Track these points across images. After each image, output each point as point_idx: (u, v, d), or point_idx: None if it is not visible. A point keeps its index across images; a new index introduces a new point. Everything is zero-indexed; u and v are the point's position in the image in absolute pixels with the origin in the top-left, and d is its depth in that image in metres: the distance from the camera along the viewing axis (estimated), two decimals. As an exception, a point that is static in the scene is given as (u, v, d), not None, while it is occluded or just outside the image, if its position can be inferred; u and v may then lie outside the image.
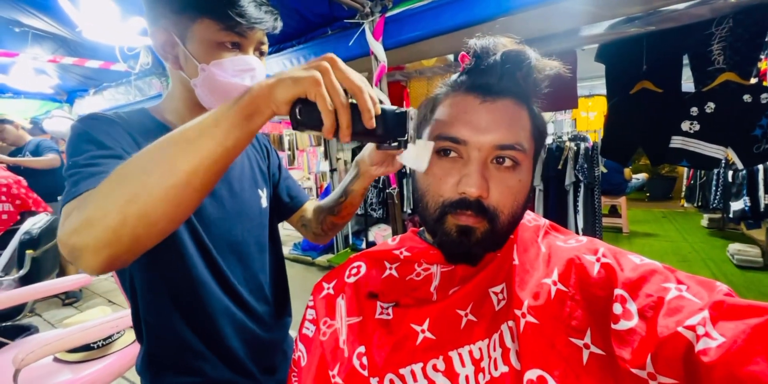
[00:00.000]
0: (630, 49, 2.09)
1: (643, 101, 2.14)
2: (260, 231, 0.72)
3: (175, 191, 0.37)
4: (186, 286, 0.61)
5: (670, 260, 3.22)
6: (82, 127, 0.53)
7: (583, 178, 2.42)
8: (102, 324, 1.02)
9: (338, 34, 1.67)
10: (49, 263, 1.97)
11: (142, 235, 0.38)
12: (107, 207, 0.37)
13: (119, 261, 0.39)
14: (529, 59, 0.43)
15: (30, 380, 0.98)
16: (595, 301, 0.39)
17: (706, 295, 0.34)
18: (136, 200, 0.36)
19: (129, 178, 0.37)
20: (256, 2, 0.56)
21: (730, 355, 0.29)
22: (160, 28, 0.57)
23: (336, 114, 0.38)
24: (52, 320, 2.65)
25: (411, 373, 0.43)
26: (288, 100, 0.37)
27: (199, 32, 0.55)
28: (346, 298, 0.52)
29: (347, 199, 0.71)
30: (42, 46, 2.51)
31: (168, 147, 0.38)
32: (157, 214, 0.37)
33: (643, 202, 5.95)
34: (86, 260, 0.38)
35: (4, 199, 2.43)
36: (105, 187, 0.38)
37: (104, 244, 0.37)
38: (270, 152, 0.80)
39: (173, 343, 0.62)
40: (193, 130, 0.38)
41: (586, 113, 4.87)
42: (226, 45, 0.56)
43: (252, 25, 0.56)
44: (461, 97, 0.46)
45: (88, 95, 3.16)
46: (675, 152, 2.12)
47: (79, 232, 0.37)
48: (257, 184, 0.72)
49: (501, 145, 0.43)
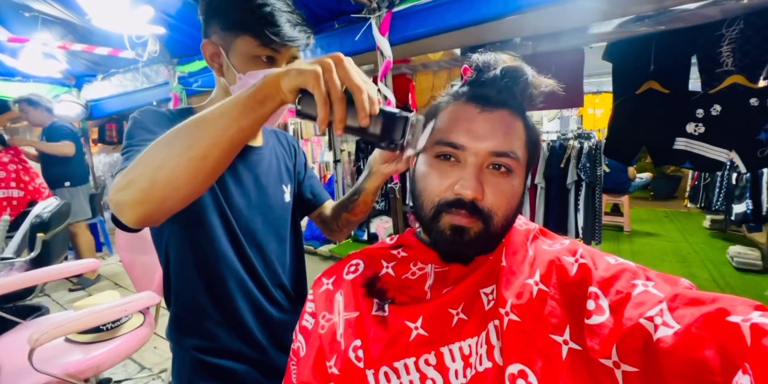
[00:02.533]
0: (638, 48, 2.07)
1: (649, 101, 2.13)
2: (282, 223, 0.78)
3: (194, 162, 0.43)
4: (212, 262, 0.68)
5: (669, 260, 3.24)
6: (139, 118, 0.63)
7: (585, 178, 2.42)
8: (111, 308, 1.06)
9: (345, 28, 1.67)
10: (59, 246, 2.03)
11: (168, 198, 0.45)
12: (142, 172, 0.45)
13: (151, 218, 0.47)
14: (526, 75, 0.47)
15: (43, 359, 1.03)
16: (573, 299, 0.42)
17: (669, 289, 0.37)
18: (163, 167, 0.44)
19: (159, 150, 0.45)
20: (292, 22, 0.64)
21: (683, 341, 0.31)
22: (210, 41, 0.66)
23: (332, 108, 0.41)
24: (60, 301, 2.73)
25: (404, 367, 0.46)
26: (291, 89, 0.42)
27: (240, 47, 0.64)
28: (344, 294, 0.55)
29: (360, 197, 0.76)
30: (51, 31, 2.52)
31: (192, 125, 0.45)
32: (180, 181, 0.44)
33: (646, 201, 5.94)
34: (125, 214, 0.46)
35: (14, 185, 2.49)
36: (142, 157, 0.46)
37: (138, 201, 0.45)
38: (297, 152, 0.87)
39: (196, 310, 0.70)
40: (213, 112, 0.44)
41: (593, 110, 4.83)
42: (262, 58, 0.65)
43: (285, 43, 0.63)
44: (462, 107, 0.49)
45: (96, 80, 3.18)
46: (678, 154, 2.12)
47: (121, 191, 0.46)
48: (282, 180, 0.79)
49: (496, 151, 0.46)
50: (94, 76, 3.17)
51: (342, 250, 3.42)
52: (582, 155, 2.44)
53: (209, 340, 0.71)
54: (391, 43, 1.55)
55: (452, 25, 1.43)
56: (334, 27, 1.72)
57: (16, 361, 1.06)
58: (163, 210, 0.46)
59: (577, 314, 0.40)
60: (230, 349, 0.71)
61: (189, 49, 2.44)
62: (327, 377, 0.51)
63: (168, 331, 0.74)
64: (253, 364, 0.73)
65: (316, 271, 0.63)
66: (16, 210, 2.47)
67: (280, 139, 0.84)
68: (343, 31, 1.70)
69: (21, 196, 2.51)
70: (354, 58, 0.44)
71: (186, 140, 0.44)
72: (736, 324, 0.29)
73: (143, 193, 0.44)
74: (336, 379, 0.50)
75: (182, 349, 0.72)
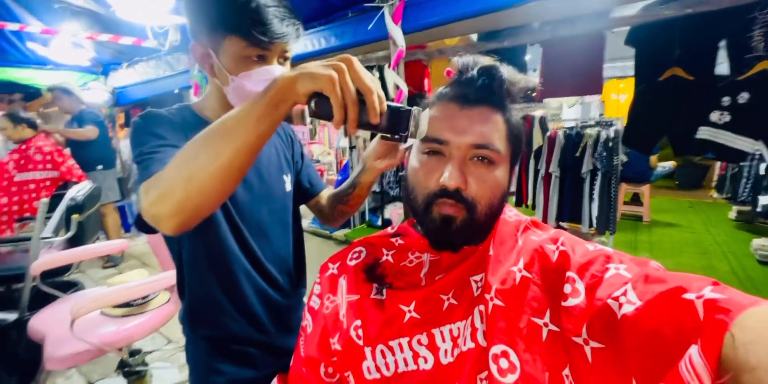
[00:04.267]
0: (663, 33, 1.98)
1: (672, 89, 2.06)
2: (284, 212, 0.82)
3: (221, 171, 0.46)
4: (219, 256, 0.72)
5: (688, 252, 3.17)
6: (142, 123, 0.64)
7: (600, 167, 2.38)
8: (142, 285, 1.16)
9: (359, 17, 1.68)
10: (92, 227, 2.17)
11: (201, 206, 0.48)
12: (174, 185, 0.47)
13: (186, 224, 0.50)
14: (501, 74, 0.50)
15: (82, 329, 1.14)
16: (553, 284, 0.45)
17: (637, 270, 0.40)
18: (193, 179, 0.46)
19: (186, 163, 0.47)
20: (279, 17, 0.62)
21: (642, 317, 0.34)
22: (199, 43, 0.65)
23: (345, 109, 0.44)
24: (94, 277, 2.94)
25: (399, 346, 0.51)
26: (306, 93, 0.44)
27: (228, 47, 0.63)
28: (347, 279, 0.60)
29: (355, 191, 0.79)
30: (79, 21, 2.62)
31: (213, 136, 0.47)
32: (210, 189, 0.47)
33: (670, 190, 5.75)
34: (164, 225, 0.49)
35: (50, 166, 2.65)
36: (170, 170, 0.48)
37: (174, 213, 0.48)
38: (294, 141, 0.89)
39: (207, 302, 0.74)
40: (231, 121, 0.47)
41: (617, 95, 4.66)
42: (252, 58, 0.64)
43: (274, 40, 0.62)
44: (445, 105, 0.53)
45: (122, 68, 3.29)
46: (701, 143, 2.05)
47: (156, 205, 0.48)
48: (282, 170, 0.82)
49: (477, 144, 0.50)
50: (119, 64, 3.28)
51: (356, 235, 3.50)
52: (599, 144, 2.39)
53: (221, 330, 0.75)
54: (404, 32, 1.54)
55: (465, 14, 1.41)
56: (348, 16, 1.73)
57: (59, 331, 1.18)
58: (199, 216, 0.50)
59: (555, 298, 0.44)
60: (240, 335, 0.76)
61: (208, 38, 2.48)
62: (330, 352, 0.57)
63: (182, 319, 0.78)
64: (262, 347, 0.79)
65: (331, 253, 0.68)
66: (50, 190, 2.63)
67: (278, 130, 0.86)
68: (356, 19, 1.70)
69: (56, 177, 2.67)
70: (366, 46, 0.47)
71: (211, 151, 0.46)
72: (690, 300, 0.31)
73: (179, 205, 0.47)
74: (338, 355, 0.56)
75: (195, 336, 0.77)
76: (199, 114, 0.72)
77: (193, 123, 0.68)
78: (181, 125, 0.66)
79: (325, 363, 0.58)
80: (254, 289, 0.76)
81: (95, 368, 1.85)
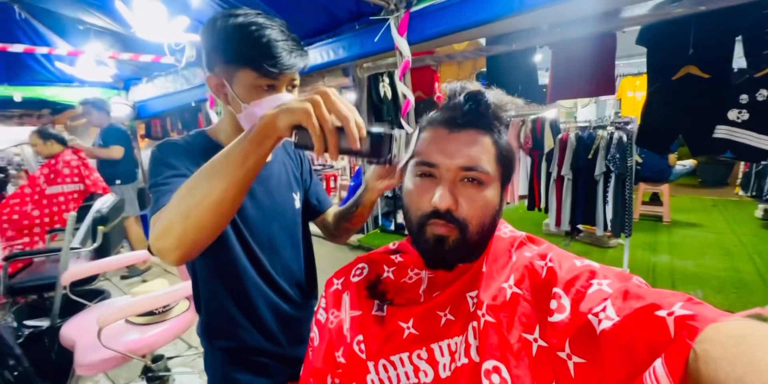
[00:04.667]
0: (675, 31, 1.95)
1: (686, 87, 2.01)
2: (294, 228, 0.86)
3: (214, 206, 0.50)
4: (231, 272, 0.76)
5: (711, 253, 3.07)
6: (158, 154, 0.70)
7: (614, 169, 2.34)
8: (162, 295, 1.22)
9: (365, 29, 1.71)
10: (116, 237, 2.28)
11: (199, 239, 0.53)
12: (173, 221, 0.52)
13: (188, 256, 0.54)
14: (486, 98, 0.53)
15: (109, 336, 1.20)
16: (541, 300, 0.47)
17: (619, 285, 0.41)
18: (189, 215, 0.51)
19: (183, 200, 0.52)
20: (287, 50, 0.66)
21: (618, 332, 0.35)
22: (214, 74, 0.70)
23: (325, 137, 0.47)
24: (119, 285, 3.07)
25: (400, 360, 0.54)
26: (287, 127, 0.47)
27: (241, 78, 0.68)
28: (350, 295, 0.63)
29: (357, 210, 0.83)
30: (101, 41, 2.76)
31: (205, 174, 0.51)
32: (207, 222, 0.52)
33: (693, 189, 5.56)
34: (167, 257, 0.54)
35: (77, 179, 2.79)
36: (170, 206, 0.53)
37: (174, 247, 0.52)
38: (303, 160, 0.93)
39: (222, 316, 0.78)
40: (219, 160, 0.51)
41: (633, 93, 4.55)
42: (263, 87, 0.69)
43: (283, 71, 0.67)
44: (435, 130, 0.55)
45: (142, 83, 3.43)
46: (719, 142, 2.00)
47: (160, 240, 0.53)
48: (291, 188, 0.86)
49: (465, 166, 0.52)
50: (139, 79, 3.42)
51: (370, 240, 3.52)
52: (611, 146, 2.35)
53: (236, 342, 0.79)
54: (410, 43, 1.57)
55: (469, 23, 1.43)
56: (355, 28, 1.77)
57: (88, 338, 1.25)
58: (197, 248, 0.54)
59: (543, 313, 0.45)
60: (255, 347, 0.80)
61: (222, 52, 2.57)
62: (336, 365, 0.60)
63: (199, 332, 0.83)
64: (276, 357, 0.83)
65: (345, 259, 0.71)
66: (78, 202, 2.77)
67: (287, 149, 0.90)
68: (363, 31, 1.74)
69: (82, 190, 2.81)
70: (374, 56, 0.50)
71: (202, 190, 0.50)
72: (662, 317, 0.33)
73: (178, 240, 0.52)
74: (343, 367, 0.58)
75: (212, 347, 0.81)
76: (213, 139, 0.78)
77: (207, 148, 0.73)
78: (196, 151, 0.72)
79: (332, 374, 0.61)
80: (266, 303, 0.80)
81: (121, 373, 1.93)
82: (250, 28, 0.64)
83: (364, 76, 2.55)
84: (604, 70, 2.26)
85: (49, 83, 3.31)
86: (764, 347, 0.25)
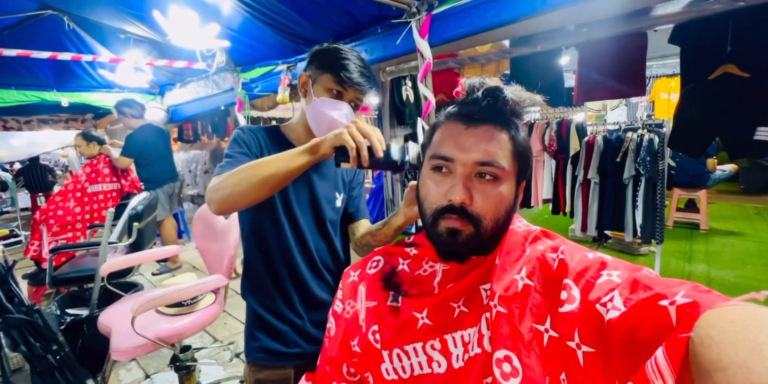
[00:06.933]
0: (711, 28, 1.86)
1: (724, 87, 1.92)
2: (333, 222, 0.98)
3: (259, 183, 0.70)
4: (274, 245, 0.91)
5: (752, 263, 2.89)
6: (240, 134, 0.90)
7: (644, 172, 2.25)
8: (189, 287, 1.28)
9: (387, 32, 1.74)
10: (150, 233, 2.40)
11: (237, 202, 0.74)
12: (226, 183, 0.73)
13: (224, 211, 0.76)
14: (504, 94, 0.53)
15: (141, 325, 1.27)
16: (551, 291, 0.47)
17: (627, 275, 0.41)
18: (239, 184, 0.71)
19: (241, 172, 0.72)
20: (362, 73, 0.87)
21: (624, 323, 0.36)
22: (305, 74, 0.90)
23: (358, 152, 0.64)
24: (151, 280, 3.22)
25: (414, 350, 0.55)
26: (331, 146, 0.67)
27: (322, 80, 0.87)
28: (366, 286, 0.64)
29: (384, 229, 0.88)
30: (140, 48, 2.94)
31: (263, 162, 0.72)
32: (248, 193, 0.71)
33: (734, 195, 5.25)
34: (211, 207, 0.75)
35: (115, 179, 2.96)
36: (230, 174, 0.73)
37: (218, 201, 0.74)
38: (357, 172, 1.06)
39: (257, 277, 0.94)
40: (278, 156, 0.72)
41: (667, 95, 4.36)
42: (333, 92, 0.87)
43: (352, 84, 0.86)
44: (452, 124, 0.56)
45: (175, 88, 3.62)
46: (760, 145, 1.90)
47: (211, 192, 0.75)
48: (337, 187, 0.98)
49: (481, 161, 0.52)
50: (173, 84, 3.60)
51: (391, 242, 3.51)
52: (641, 148, 2.26)
53: (265, 299, 0.93)
54: (432, 45, 1.59)
55: (492, 24, 1.43)
56: (377, 32, 1.80)
57: (123, 326, 1.33)
58: (234, 208, 0.76)
59: (554, 304, 0.46)
60: (277, 309, 0.92)
61: (250, 58, 2.68)
62: (351, 354, 0.62)
63: (241, 288, 0.98)
64: (296, 328, 0.93)
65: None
66: (116, 200, 2.94)
67: None
68: (385, 34, 1.77)
69: (119, 189, 2.98)
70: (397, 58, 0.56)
71: (256, 170, 0.71)
72: (664, 307, 0.33)
73: (223, 197, 0.73)
74: (358, 356, 0.60)
75: (248, 301, 0.96)
76: (282, 132, 0.96)
77: (276, 137, 0.94)
78: (266, 139, 0.92)
79: (347, 363, 0.63)
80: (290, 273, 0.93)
81: (151, 362, 2.03)
82: (341, 51, 0.87)
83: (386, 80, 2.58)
84: (633, 71, 2.18)
85: (92, 89, 3.54)
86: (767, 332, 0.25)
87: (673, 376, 0.28)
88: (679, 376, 0.28)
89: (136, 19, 2.48)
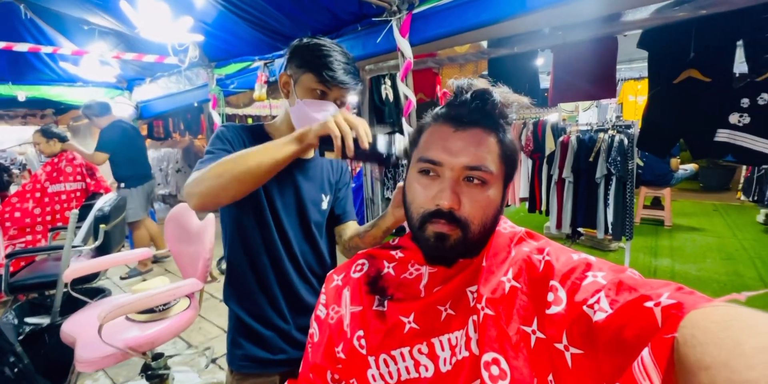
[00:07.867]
0: (676, 35, 1.95)
1: (688, 91, 2.02)
2: (318, 225, 0.95)
3: (243, 176, 0.67)
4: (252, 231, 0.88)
5: (712, 257, 3.06)
6: (223, 131, 0.86)
7: (615, 172, 2.34)
8: (162, 292, 1.22)
9: (367, 31, 1.73)
10: (117, 236, 2.28)
11: (220, 195, 0.69)
12: (208, 176, 0.68)
13: (205, 206, 0.71)
14: (493, 97, 0.52)
15: (109, 333, 1.21)
16: (538, 293, 0.47)
17: (612, 277, 0.41)
18: (222, 175, 0.67)
19: (224, 164, 0.68)
20: (346, 70, 0.81)
21: (610, 324, 0.36)
22: (285, 73, 0.86)
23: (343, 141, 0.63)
24: (119, 284, 3.07)
25: (401, 355, 0.54)
26: (316, 135, 0.66)
27: (304, 80, 0.82)
28: (350, 290, 0.63)
29: (372, 231, 0.87)
30: (106, 41, 2.78)
31: (247, 152, 0.68)
32: (232, 186, 0.68)
33: (694, 193, 5.56)
34: (191, 202, 0.71)
35: (79, 178, 2.80)
36: (211, 166, 0.69)
37: (199, 194, 0.69)
38: (344, 172, 1.03)
39: (241, 281, 0.90)
40: (262, 146, 0.68)
41: (634, 97, 4.56)
42: (317, 92, 0.82)
43: (336, 83, 0.81)
44: (439, 127, 0.55)
45: (145, 83, 3.46)
46: (720, 146, 2.00)
47: (190, 186, 0.71)
48: (323, 190, 0.96)
49: (469, 166, 0.51)
50: (143, 79, 3.44)
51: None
52: (612, 149, 2.35)
53: (249, 304, 0.90)
54: (412, 44, 1.58)
55: (472, 25, 1.44)
56: (358, 30, 1.78)
57: (89, 335, 1.25)
58: (215, 203, 0.71)
59: (540, 306, 0.46)
60: (262, 314, 0.89)
61: (225, 53, 2.59)
62: (335, 360, 0.60)
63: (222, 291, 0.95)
64: (279, 332, 0.90)
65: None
66: (80, 200, 2.78)
67: (332, 162, 1.01)
68: (365, 33, 1.75)
69: (83, 189, 2.82)
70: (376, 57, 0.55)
71: (240, 162, 0.67)
72: (650, 308, 0.33)
73: (205, 190, 0.69)
74: (343, 363, 0.59)
75: (231, 307, 0.92)
76: (266, 130, 0.93)
77: (259, 136, 0.89)
78: (249, 136, 0.88)
79: (332, 370, 0.61)
80: (277, 276, 0.90)
81: (120, 371, 1.93)
82: (322, 47, 0.81)
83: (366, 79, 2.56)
84: (605, 73, 2.26)
85: (53, 83, 3.33)
86: (749, 332, 0.26)
87: (659, 376, 0.28)
88: (665, 376, 0.29)
89: (101, 9, 2.34)
